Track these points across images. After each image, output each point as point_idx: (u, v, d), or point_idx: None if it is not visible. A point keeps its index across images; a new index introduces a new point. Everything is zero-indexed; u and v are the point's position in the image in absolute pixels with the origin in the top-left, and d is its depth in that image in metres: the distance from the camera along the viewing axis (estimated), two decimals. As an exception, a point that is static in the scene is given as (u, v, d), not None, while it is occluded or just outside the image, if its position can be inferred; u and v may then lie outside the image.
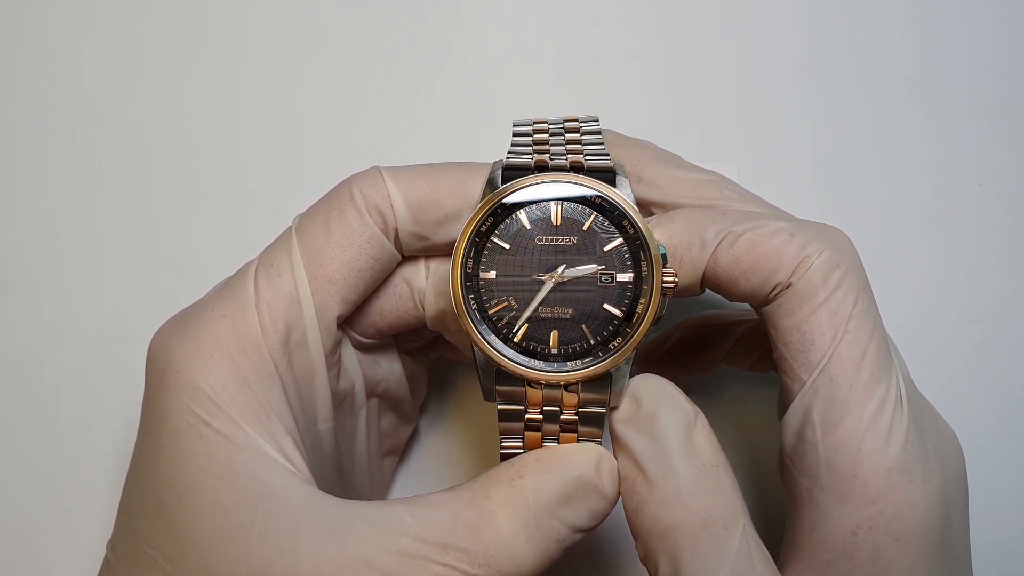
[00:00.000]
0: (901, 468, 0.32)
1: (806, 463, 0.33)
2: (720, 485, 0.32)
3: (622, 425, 0.33)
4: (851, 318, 0.33)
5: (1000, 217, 0.50)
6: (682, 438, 0.33)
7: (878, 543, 0.32)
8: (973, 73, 0.52)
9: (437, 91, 0.52)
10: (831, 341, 0.33)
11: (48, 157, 0.51)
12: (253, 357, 0.33)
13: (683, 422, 0.33)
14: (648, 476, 0.32)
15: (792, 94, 0.52)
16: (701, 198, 0.38)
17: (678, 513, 0.31)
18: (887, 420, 0.32)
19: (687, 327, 0.45)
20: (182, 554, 0.31)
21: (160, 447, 0.32)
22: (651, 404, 0.33)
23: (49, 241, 0.50)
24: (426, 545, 0.31)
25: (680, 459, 0.32)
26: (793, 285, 0.34)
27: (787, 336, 0.34)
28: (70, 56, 0.53)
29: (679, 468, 0.32)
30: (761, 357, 0.43)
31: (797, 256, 0.34)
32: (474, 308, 0.34)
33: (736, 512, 0.32)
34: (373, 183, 0.35)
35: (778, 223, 0.35)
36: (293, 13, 0.53)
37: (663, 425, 0.33)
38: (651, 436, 0.33)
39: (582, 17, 0.53)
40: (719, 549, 0.31)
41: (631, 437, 0.33)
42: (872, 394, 0.33)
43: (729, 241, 0.35)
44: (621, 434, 0.33)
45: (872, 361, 0.33)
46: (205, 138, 0.52)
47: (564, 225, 0.34)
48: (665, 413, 0.33)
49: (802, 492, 0.34)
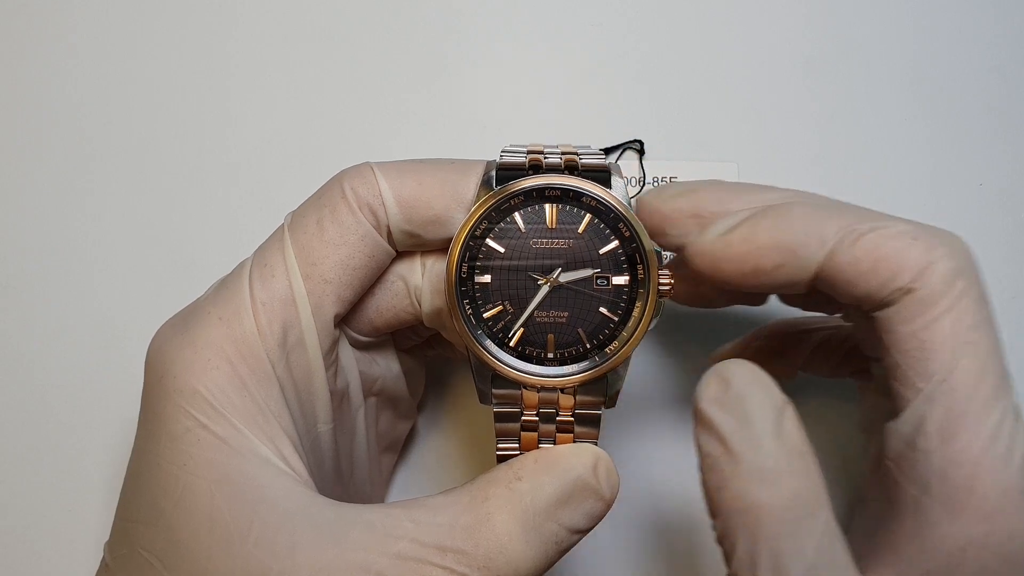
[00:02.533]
0: (1021, 488, 0.31)
1: (916, 471, 0.32)
2: (807, 471, 0.31)
3: (708, 403, 0.32)
4: (973, 329, 0.32)
5: (1000, 217, 0.50)
6: (772, 420, 0.32)
7: (986, 562, 0.31)
8: (974, 73, 0.52)
9: (434, 89, 0.52)
10: (952, 352, 0.32)
11: (47, 157, 0.51)
12: (250, 360, 0.33)
13: (773, 407, 0.32)
14: (734, 453, 0.31)
15: (792, 94, 0.52)
16: None
17: (764, 491, 0.30)
18: (1006, 437, 0.32)
19: (762, 337, 0.45)
20: (178, 559, 0.31)
21: (157, 451, 0.32)
22: (742, 386, 0.32)
23: (48, 241, 0.50)
24: (424, 548, 0.31)
25: (769, 439, 0.31)
26: (915, 291, 0.33)
27: (904, 343, 0.33)
28: (69, 56, 0.53)
29: (768, 447, 0.31)
30: (840, 363, 0.43)
31: (921, 261, 0.33)
32: (469, 313, 0.34)
33: (821, 499, 0.31)
34: (364, 180, 0.35)
35: (900, 224, 0.34)
36: (289, 11, 0.53)
37: (753, 407, 0.32)
38: (740, 416, 0.32)
39: (582, 17, 0.53)
40: (803, 531, 0.30)
41: (718, 416, 0.32)
42: (992, 409, 0.32)
43: (850, 240, 0.33)
44: (707, 412, 0.32)
45: (993, 375, 0.32)
46: (203, 137, 0.52)
47: (559, 228, 0.34)
48: (756, 396, 0.32)
49: (907, 499, 0.33)
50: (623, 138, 0.51)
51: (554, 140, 0.39)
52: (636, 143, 0.50)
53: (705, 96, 0.52)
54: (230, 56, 0.53)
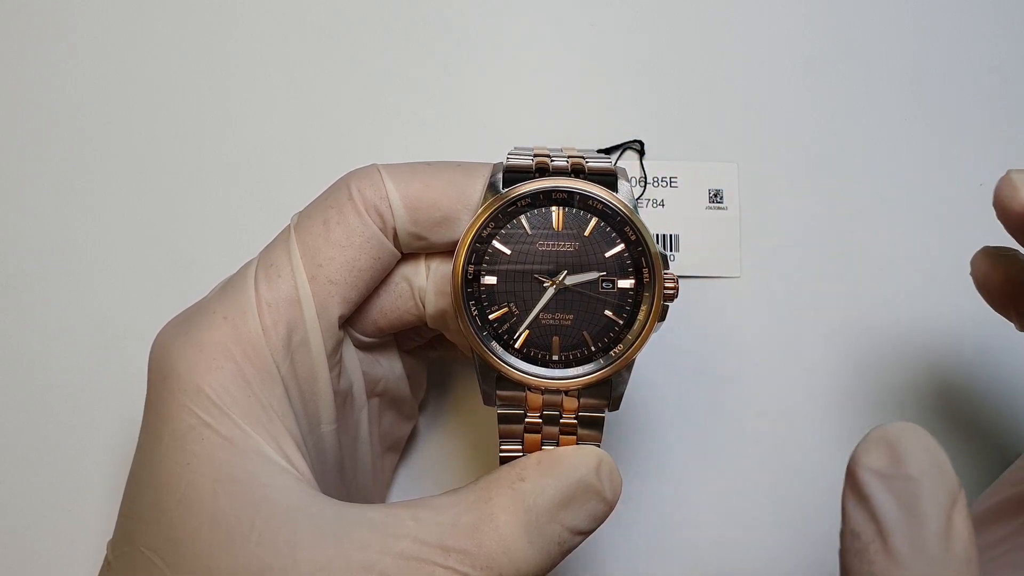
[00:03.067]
0: None
1: None
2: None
3: (870, 475, 0.29)
4: None
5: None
6: (943, 518, 0.28)
7: None
8: (974, 73, 0.52)
9: (433, 89, 0.52)
10: None
11: (47, 157, 0.51)
12: (255, 359, 0.33)
13: (947, 499, 0.29)
14: (892, 549, 0.28)
15: (792, 94, 0.52)
16: None
17: None
18: None
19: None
20: (179, 557, 0.31)
21: (161, 449, 0.32)
22: (916, 468, 0.29)
23: (49, 241, 0.50)
24: (427, 547, 0.31)
25: (937, 544, 0.28)
26: None
27: None
28: (68, 55, 0.52)
29: (934, 552, 0.28)
30: None
31: None
32: (475, 314, 0.34)
33: None
34: (371, 182, 0.35)
35: None
36: (289, 11, 0.53)
37: (925, 498, 0.28)
38: (907, 505, 0.28)
39: (581, 18, 0.53)
40: None
41: (880, 496, 0.29)
42: None
43: None
44: (867, 485, 0.29)
45: None
46: (203, 137, 0.52)
47: (566, 231, 0.34)
48: (931, 484, 0.28)
49: None
50: (623, 138, 0.51)
51: (555, 140, 0.39)
52: (636, 143, 0.51)
53: (705, 96, 0.52)
54: (230, 56, 0.53)
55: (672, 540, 0.47)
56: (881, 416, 0.48)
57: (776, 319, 0.49)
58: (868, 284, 0.49)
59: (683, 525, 0.47)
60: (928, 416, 0.48)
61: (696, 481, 0.48)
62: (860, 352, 0.49)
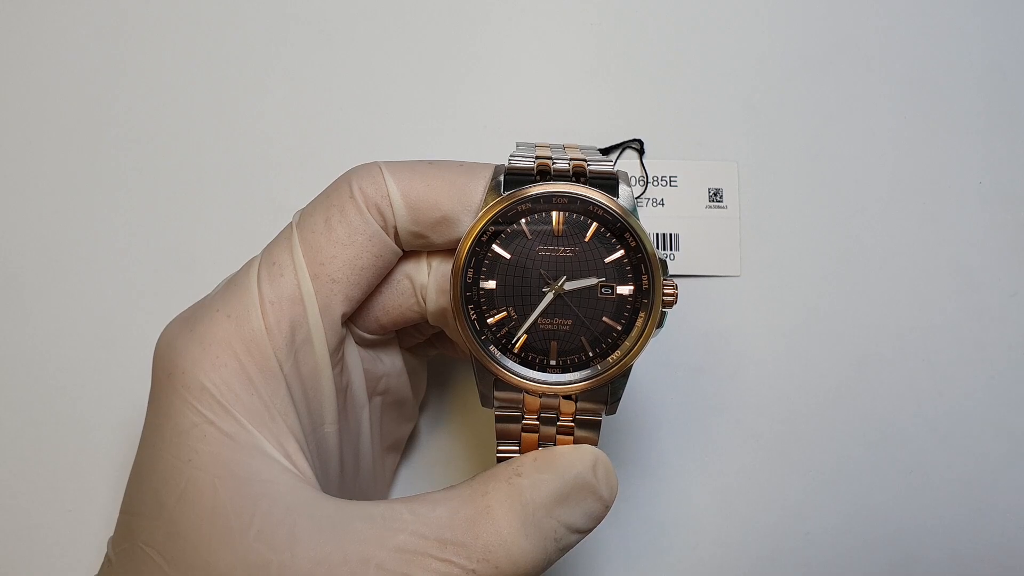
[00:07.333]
0: None
1: None
2: None
3: None
4: None
5: (1000, 217, 0.50)
6: None
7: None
8: (973, 73, 0.52)
9: (433, 89, 0.52)
10: None
11: (48, 156, 0.51)
12: (258, 357, 0.33)
13: None
14: None
15: (792, 94, 0.52)
16: None
17: None
18: None
19: None
20: (178, 552, 0.31)
21: (163, 445, 0.32)
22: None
23: (49, 241, 0.50)
24: (424, 541, 0.31)
25: None
26: None
27: None
28: (70, 55, 0.52)
29: None
30: None
31: None
32: (474, 318, 0.34)
33: None
34: (373, 180, 0.35)
35: None
36: (290, 11, 0.53)
37: None
38: None
39: (582, 17, 0.53)
40: None
41: None
42: None
43: None
44: None
45: None
46: (204, 136, 0.51)
47: (566, 235, 0.34)
48: None
49: None
50: (623, 138, 0.51)
51: (556, 139, 0.39)
52: (636, 142, 0.50)
53: (705, 95, 0.52)
54: (230, 56, 0.52)
55: (672, 540, 0.47)
56: (880, 415, 0.48)
57: (776, 318, 0.49)
58: (868, 284, 0.49)
59: (683, 525, 0.47)
60: (927, 416, 0.48)
61: (696, 481, 0.48)
62: (860, 351, 0.49)
